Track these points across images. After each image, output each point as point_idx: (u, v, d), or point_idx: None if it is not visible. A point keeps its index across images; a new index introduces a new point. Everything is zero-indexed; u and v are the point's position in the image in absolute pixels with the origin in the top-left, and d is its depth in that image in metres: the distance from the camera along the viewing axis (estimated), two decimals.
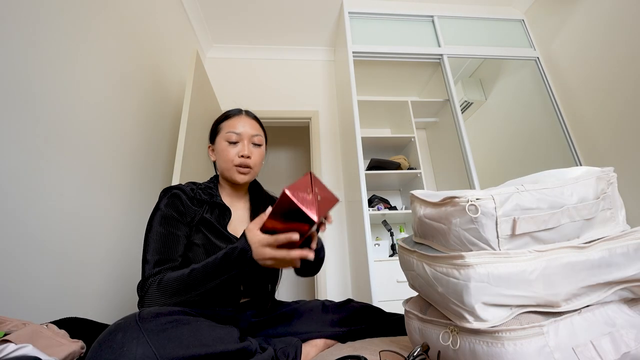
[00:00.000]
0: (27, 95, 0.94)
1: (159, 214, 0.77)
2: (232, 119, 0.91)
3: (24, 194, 0.91)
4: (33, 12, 0.97)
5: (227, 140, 0.88)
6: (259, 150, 0.91)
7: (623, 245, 0.46)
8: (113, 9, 1.40)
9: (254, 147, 0.90)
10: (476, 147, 2.05)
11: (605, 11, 1.91)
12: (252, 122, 0.92)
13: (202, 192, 0.84)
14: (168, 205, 0.77)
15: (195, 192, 0.83)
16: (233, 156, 0.86)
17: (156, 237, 0.73)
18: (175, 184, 0.84)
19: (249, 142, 0.88)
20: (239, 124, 0.89)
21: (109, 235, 1.28)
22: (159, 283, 0.66)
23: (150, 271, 0.69)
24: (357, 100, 2.05)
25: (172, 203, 0.78)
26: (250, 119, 0.92)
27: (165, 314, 0.53)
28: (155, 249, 0.72)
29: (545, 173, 0.55)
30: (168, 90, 1.96)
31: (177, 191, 0.80)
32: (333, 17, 2.50)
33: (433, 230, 0.54)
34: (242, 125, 0.89)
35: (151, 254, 0.71)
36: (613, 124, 1.86)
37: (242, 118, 0.91)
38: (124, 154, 1.45)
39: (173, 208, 0.77)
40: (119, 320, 0.51)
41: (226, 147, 0.87)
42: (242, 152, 0.86)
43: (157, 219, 0.76)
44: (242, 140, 0.87)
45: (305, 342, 0.74)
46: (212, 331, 0.54)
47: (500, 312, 0.44)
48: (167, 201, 0.78)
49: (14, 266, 0.86)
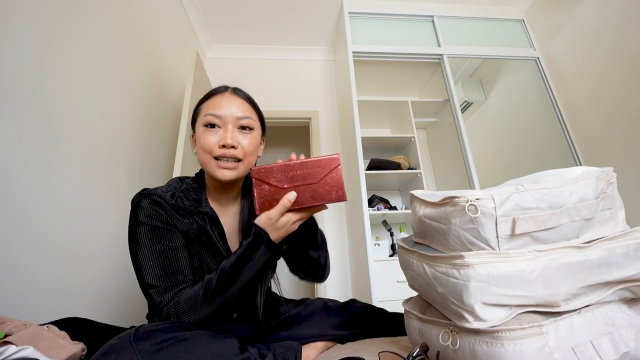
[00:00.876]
0: (28, 94, 0.94)
1: (142, 228, 0.63)
2: (214, 98, 0.72)
3: (25, 193, 0.91)
4: (34, 13, 0.97)
5: (204, 125, 0.69)
6: (251, 137, 0.71)
7: (623, 245, 0.46)
8: (113, 9, 1.40)
9: (242, 132, 0.70)
10: (476, 147, 2.05)
11: (605, 11, 1.91)
12: (239, 101, 0.72)
13: (185, 198, 0.69)
14: (150, 217, 0.64)
15: (177, 197, 0.68)
16: (212, 145, 0.67)
17: (151, 256, 0.61)
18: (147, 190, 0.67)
19: (234, 126, 0.69)
20: (221, 103, 0.70)
21: (109, 235, 1.28)
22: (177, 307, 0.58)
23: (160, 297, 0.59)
24: (357, 100, 2.05)
25: (154, 213, 0.64)
26: (237, 98, 0.73)
27: (162, 330, 0.51)
28: (157, 271, 0.61)
29: (545, 173, 0.55)
30: (168, 90, 1.96)
31: (156, 197, 0.65)
32: (333, 17, 2.50)
33: (433, 230, 0.54)
34: (226, 105, 0.70)
35: (153, 277, 0.60)
36: (613, 124, 1.86)
37: (226, 97, 0.72)
38: (124, 153, 1.45)
39: (157, 218, 0.64)
40: (113, 340, 0.48)
41: (203, 134, 0.68)
42: (223, 140, 0.67)
43: (143, 235, 0.62)
44: (224, 124, 0.69)
45: (305, 344, 0.73)
46: (210, 346, 0.52)
47: (500, 312, 0.44)
48: (148, 211, 0.64)
49: (14, 266, 0.86)
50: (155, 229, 0.63)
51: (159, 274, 0.60)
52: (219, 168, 0.68)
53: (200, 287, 0.60)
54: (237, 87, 0.76)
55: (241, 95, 0.75)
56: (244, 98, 0.75)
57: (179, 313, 0.57)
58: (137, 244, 0.62)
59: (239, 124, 0.70)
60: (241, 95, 0.75)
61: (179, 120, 1.97)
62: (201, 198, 0.72)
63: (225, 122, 0.69)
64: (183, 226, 0.67)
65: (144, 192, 0.66)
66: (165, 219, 0.65)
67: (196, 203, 0.70)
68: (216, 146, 0.67)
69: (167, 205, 0.65)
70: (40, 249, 0.95)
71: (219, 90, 0.74)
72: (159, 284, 0.60)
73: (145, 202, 0.64)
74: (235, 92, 0.75)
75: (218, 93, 0.73)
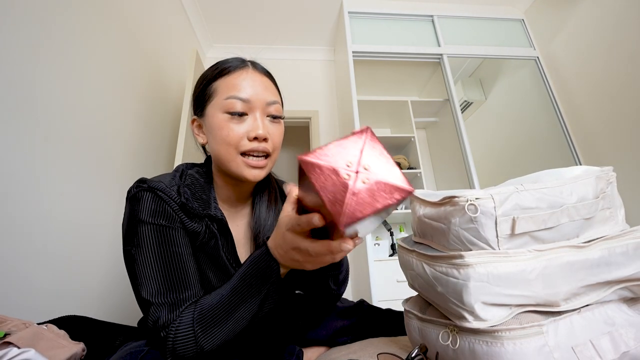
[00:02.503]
0: (27, 95, 0.94)
1: (145, 228, 0.50)
2: (233, 74, 0.57)
3: (24, 193, 0.91)
4: (33, 13, 0.97)
5: (227, 111, 0.55)
6: (279, 128, 0.60)
7: (622, 244, 0.46)
8: (113, 8, 1.40)
9: (272, 122, 0.58)
10: (476, 146, 2.06)
11: (605, 11, 1.91)
12: (265, 81, 0.59)
13: (192, 197, 0.56)
14: (155, 214, 0.51)
15: (183, 194, 0.54)
16: (239, 138, 0.54)
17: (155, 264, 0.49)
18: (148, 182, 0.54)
19: (262, 113, 0.56)
20: (244, 83, 0.56)
21: (108, 234, 1.28)
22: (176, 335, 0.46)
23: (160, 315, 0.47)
24: (357, 100, 2.06)
25: (159, 209, 0.52)
26: (261, 75, 0.59)
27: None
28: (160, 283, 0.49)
29: (545, 172, 0.55)
30: (168, 90, 1.96)
31: (161, 193, 0.52)
32: (333, 16, 2.50)
33: (432, 229, 0.54)
34: (251, 85, 0.56)
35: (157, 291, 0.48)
36: (613, 123, 1.86)
37: (250, 73, 0.58)
38: (124, 153, 1.45)
39: (163, 216, 0.52)
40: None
41: (226, 124, 0.55)
42: (255, 131, 0.54)
43: (146, 238, 0.50)
44: (252, 111, 0.56)
45: (307, 347, 0.73)
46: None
47: (500, 311, 0.44)
48: (151, 207, 0.51)
49: (13, 265, 0.86)
50: (161, 229, 0.51)
51: (162, 287, 0.49)
52: (249, 167, 0.55)
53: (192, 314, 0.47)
54: (254, 60, 0.62)
55: (263, 72, 0.61)
56: (267, 75, 0.61)
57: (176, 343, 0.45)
58: (137, 247, 0.50)
59: (269, 112, 0.57)
60: (263, 71, 0.61)
61: (178, 120, 1.97)
62: (210, 198, 0.59)
63: (252, 107, 0.56)
64: (194, 227, 0.55)
65: (144, 185, 0.53)
66: (173, 217, 0.52)
67: (205, 204, 0.57)
68: (245, 139, 0.55)
69: (174, 202, 0.53)
70: (39, 248, 0.95)
71: (237, 65, 0.58)
72: (163, 300, 0.48)
73: (148, 195, 0.52)
74: (256, 67, 0.60)
75: (237, 68, 0.58)
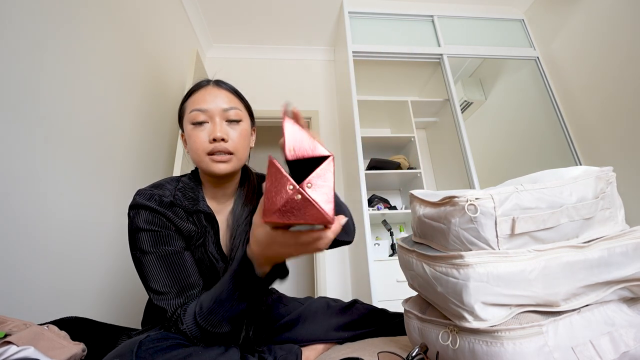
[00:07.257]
0: (28, 95, 0.94)
1: (143, 235, 0.61)
2: (197, 93, 0.70)
3: (24, 193, 0.91)
4: (34, 13, 0.97)
5: (192, 122, 0.67)
6: (240, 129, 0.70)
7: (622, 244, 0.46)
8: (113, 8, 1.40)
9: (231, 124, 0.69)
10: (476, 146, 2.05)
11: (605, 11, 1.91)
12: (224, 93, 0.71)
13: (183, 196, 0.68)
14: (150, 222, 0.62)
15: (175, 195, 0.67)
16: (203, 142, 0.66)
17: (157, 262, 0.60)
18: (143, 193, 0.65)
19: (221, 119, 0.68)
20: (205, 97, 0.69)
21: (108, 234, 1.28)
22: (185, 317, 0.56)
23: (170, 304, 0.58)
24: (357, 100, 2.05)
25: (153, 218, 0.63)
26: (221, 90, 0.71)
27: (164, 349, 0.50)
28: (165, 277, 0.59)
29: (544, 172, 0.55)
30: (168, 91, 1.96)
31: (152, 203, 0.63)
32: (333, 16, 2.50)
33: (432, 229, 0.54)
34: (211, 98, 0.68)
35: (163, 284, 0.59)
36: (613, 123, 1.86)
37: (210, 90, 0.70)
38: (124, 153, 1.45)
39: (157, 224, 0.63)
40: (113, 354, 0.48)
41: (193, 132, 0.67)
42: (213, 134, 0.66)
43: (145, 242, 0.61)
44: (211, 118, 0.67)
45: (305, 346, 0.73)
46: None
47: (500, 311, 0.44)
48: (146, 217, 0.63)
49: (13, 265, 0.86)
50: (156, 234, 0.62)
51: (167, 279, 0.59)
52: (214, 162, 0.66)
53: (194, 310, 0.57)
54: (219, 79, 0.74)
55: (225, 87, 0.73)
56: (228, 89, 0.73)
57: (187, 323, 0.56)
58: (140, 251, 0.61)
59: (226, 117, 0.69)
60: (225, 87, 0.73)
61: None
62: (198, 196, 0.71)
63: (212, 115, 0.67)
64: (186, 229, 0.66)
65: (139, 200, 0.64)
66: (165, 223, 0.63)
67: (194, 202, 0.69)
68: (207, 142, 0.66)
69: (165, 209, 0.64)
70: (39, 247, 0.95)
71: (202, 85, 0.72)
72: (170, 290, 0.58)
73: (142, 207, 0.63)
74: (218, 84, 0.73)
75: (201, 87, 0.71)
